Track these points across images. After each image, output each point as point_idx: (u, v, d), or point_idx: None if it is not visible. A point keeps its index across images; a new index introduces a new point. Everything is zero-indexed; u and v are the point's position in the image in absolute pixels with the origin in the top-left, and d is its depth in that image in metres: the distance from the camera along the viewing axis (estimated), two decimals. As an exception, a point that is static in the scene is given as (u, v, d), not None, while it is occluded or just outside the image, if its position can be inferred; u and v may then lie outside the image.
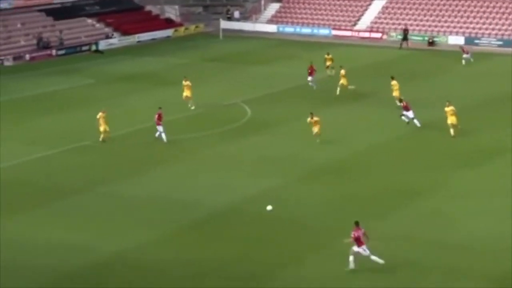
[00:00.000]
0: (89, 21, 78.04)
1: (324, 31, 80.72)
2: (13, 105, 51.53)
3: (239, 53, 70.71)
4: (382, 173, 38.22)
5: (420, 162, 39.62)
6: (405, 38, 73.60)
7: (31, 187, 36.42)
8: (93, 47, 72.38)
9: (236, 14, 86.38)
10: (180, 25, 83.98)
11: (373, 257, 28.04)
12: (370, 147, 42.16)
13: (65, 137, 43.88)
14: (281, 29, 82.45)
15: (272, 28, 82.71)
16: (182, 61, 67.42)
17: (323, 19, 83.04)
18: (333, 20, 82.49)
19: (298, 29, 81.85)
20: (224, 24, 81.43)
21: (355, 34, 79.09)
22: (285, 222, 32.63)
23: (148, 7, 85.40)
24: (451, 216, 32.83)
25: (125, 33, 77.70)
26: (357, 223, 28.33)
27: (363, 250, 27.99)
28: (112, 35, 76.84)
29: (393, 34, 76.15)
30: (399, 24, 78.18)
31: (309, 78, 55.19)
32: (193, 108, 49.09)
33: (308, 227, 32.24)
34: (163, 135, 42.79)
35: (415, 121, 44.81)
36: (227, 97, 53.62)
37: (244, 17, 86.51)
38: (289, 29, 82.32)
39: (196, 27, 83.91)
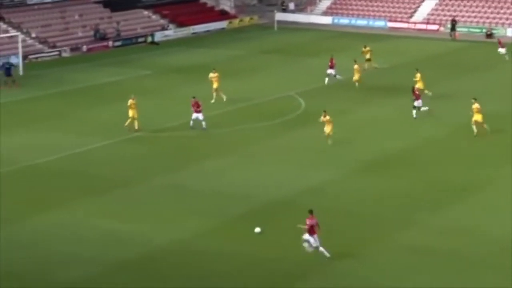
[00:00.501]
0: (145, 12, 78.84)
1: (379, 23, 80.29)
2: (70, 95, 52.38)
3: (294, 45, 70.76)
4: (434, 167, 38.08)
5: (471, 157, 39.36)
6: (453, 28, 73.01)
7: (86, 178, 37.04)
8: (149, 39, 73.13)
9: (291, 5, 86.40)
10: (235, 17, 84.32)
11: (321, 249, 28.26)
12: (422, 141, 41.98)
13: (120, 128, 44.48)
14: (336, 21, 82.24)
15: (327, 20, 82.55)
16: (236, 52, 67.73)
17: (378, 11, 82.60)
18: (389, 12, 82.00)
19: (353, 21, 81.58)
20: (279, 16, 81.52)
21: (411, 26, 78.55)
22: (337, 215, 32.71)
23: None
24: (504, 211, 32.56)
25: (181, 24, 78.32)
26: (311, 212, 28.71)
27: (314, 240, 28.28)
28: (168, 26, 77.52)
29: (449, 26, 75.46)
30: (456, 16, 77.38)
31: (330, 71, 54.43)
32: (224, 99, 49.11)
33: (361, 220, 32.28)
34: (203, 123, 43.33)
35: (423, 109, 45.43)
36: (281, 89, 53.77)
37: (299, 9, 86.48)
38: (344, 21, 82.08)
39: (251, 19, 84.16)
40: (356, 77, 52.95)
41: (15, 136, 43.46)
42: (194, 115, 43.67)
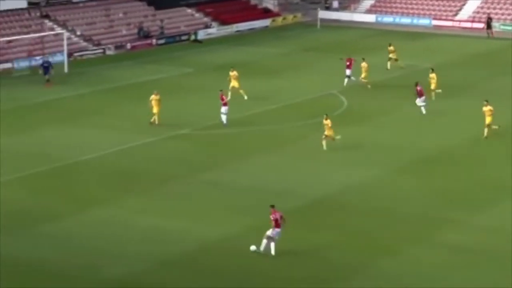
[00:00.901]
0: (189, 10, 79.38)
1: (424, 21, 79.94)
2: (114, 93, 53.04)
3: (337, 43, 70.79)
4: (476, 166, 38.04)
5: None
6: (489, 26, 72.49)
7: (130, 175, 37.56)
8: (192, 37, 73.62)
9: (335, 4, 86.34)
10: (278, 15, 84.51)
11: (273, 244, 28.72)
12: (464, 140, 41.87)
13: (164, 125, 44.98)
14: (379, 19, 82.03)
15: (370, 18, 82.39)
16: (279, 50, 67.96)
17: (423, 9, 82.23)
18: (434, 10, 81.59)
19: (397, 19, 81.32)
20: (322, 14, 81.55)
21: (456, 24, 78.08)
22: (380, 213, 32.84)
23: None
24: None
25: (224, 22, 78.73)
26: (272, 206, 29.24)
27: (276, 233, 28.81)
28: (211, 24, 77.97)
29: (496, 24, 74.83)
30: (503, 14, 76.71)
31: (348, 72, 53.52)
32: (246, 98, 49.42)
33: (404, 218, 32.36)
34: (224, 117, 44.23)
35: (422, 108, 45.78)
36: (324, 87, 53.90)
37: (343, 7, 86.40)
38: (387, 19, 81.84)
39: (294, 17, 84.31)
40: (364, 75, 52.21)
41: (61, 133, 44.18)
42: (223, 108, 44.35)
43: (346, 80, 53.91)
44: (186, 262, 28.76)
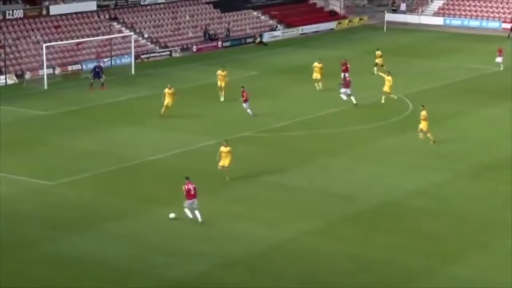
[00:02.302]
0: (255, 13, 79.79)
1: (493, 24, 78.97)
2: (180, 95, 53.57)
3: (403, 46, 70.37)
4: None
5: None
6: None
7: (196, 175, 37.84)
8: (258, 39, 73.97)
9: (402, 6, 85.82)
10: (344, 17, 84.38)
11: (197, 212, 31.25)
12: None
13: (227, 127, 45.36)
14: (447, 21, 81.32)
15: (438, 20, 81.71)
16: (344, 53, 67.74)
17: (492, 12, 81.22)
18: (504, 13, 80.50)
19: (465, 22, 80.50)
20: (389, 16, 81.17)
21: (526, 27, 76.93)
22: (445, 218, 32.63)
23: (313, 0, 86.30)
24: None
25: (289, 25, 78.93)
26: (187, 178, 31.74)
27: (190, 202, 31.28)
28: (277, 27, 78.24)
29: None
30: None
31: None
32: (222, 99, 50.81)
33: (470, 224, 32.10)
34: (249, 111, 45.96)
35: (352, 98, 48.41)
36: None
37: (410, 10, 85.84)
38: (456, 21, 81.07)
39: (360, 19, 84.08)
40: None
41: (128, 133, 44.88)
42: (244, 105, 46.15)
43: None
44: (249, 263, 28.95)
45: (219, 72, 51.64)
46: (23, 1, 65.87)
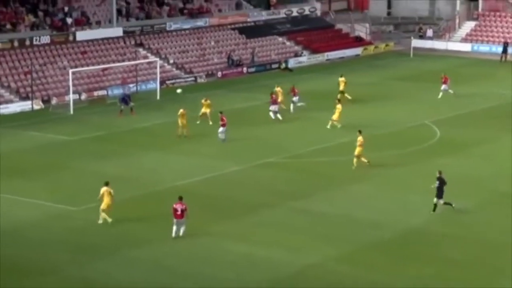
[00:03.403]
0: (280, 39, 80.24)
1: (521, 50, 78.77)
2: (205, 120, 53.87)
3: (430, 72, 70.39)
4: None
5: None
6: (504, 51, 72.06)
7: (221, 201, 38.15)
8: (283, 65, 74.33)
9: (429, 32, 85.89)
10: (370, 43, 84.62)
11: (182, 228, 32.76)
12: None
13: (252, 153, 45.62)
14: (475, 48, 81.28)
15: (466, 47, 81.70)
16: (370, 79, 68.02)
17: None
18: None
19: (493, 48, 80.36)
20: (416, 42, 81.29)
21: (555, 54, 76.72)
22: (471, 245, 32.58)
23: (339, 25, 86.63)
24: None
25: (315, 51, 79.26)
26: (180, 198, 33.11)
27: (177, 222, 32.79)
28: (302, 53, 78.62)
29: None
30: None
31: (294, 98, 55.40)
32: (210, 123, 51.71)
33: (496, 250, 31.99)
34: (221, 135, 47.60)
35: (278, 115, 51.64)
36: (416, 117, 53.71)
37: (437, 36, 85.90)
38: (484, 48, 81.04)
39: (386, 45, 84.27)
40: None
41: (153, 158, 45.21)
42: (221, 129, 47.65)
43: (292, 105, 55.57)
44: (274, 289, 29.04)
45: (203, 101, 53.20)
46: (50, 27, 66.76)
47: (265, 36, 79.16)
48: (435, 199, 36.15)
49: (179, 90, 32.37)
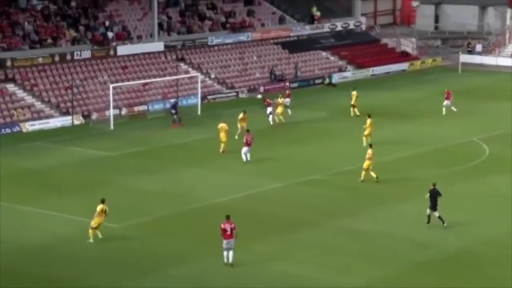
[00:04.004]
0: (323, 54, 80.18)
1: None
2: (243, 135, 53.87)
3: (479, 88, 69.83)
4: None
5: None
6: None
7: (262, 218, 38.09)
8: (326, 80, 74.18)
9: (478, 47, 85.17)
10: (417, 58, 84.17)
11: (231, 252, 31.75)
12: None
13: (295, 170, 45.52)
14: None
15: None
16: (416, 95, 67.63)
17: None
18: None
19: (545, 64, 79.48)
20: (464, 57, 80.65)
21: None
22: (522, 267, 32.11)
23: (385, 40, 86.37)
24: None
25: (359, 66, 79.06)
26: (227, 217, 32.14)
27: (227, 243, 31.85)
28: (346, 68, 78.46)
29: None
30: None
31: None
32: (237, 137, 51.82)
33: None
34: (245, 156, 47.08)
35: (270, 118, 53.77)
36: (464, 134, 53.22)
37: (487, 51, 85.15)
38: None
39: (433, 60, 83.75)
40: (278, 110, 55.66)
41: (194, 175, 45.32)
42: (245, 148, 47.19)
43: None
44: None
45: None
46: (91, 42, 67.48)
47: (309, 51, 79.16)
48: (428, 210, 36.57)
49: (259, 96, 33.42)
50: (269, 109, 56.93)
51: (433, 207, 36.49)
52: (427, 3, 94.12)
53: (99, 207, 35.15)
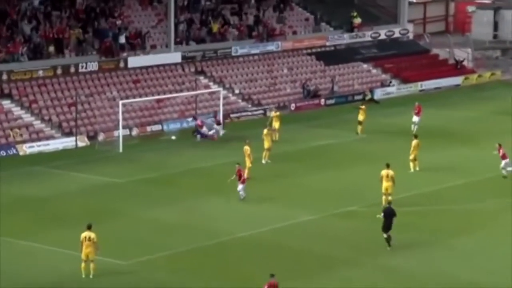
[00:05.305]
0: (365, 66, 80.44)
1: None
2: (275, 160, 54.14)
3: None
4: None
5: None
6: None
7: (293, 255, 38.21)
8: (368, 96, 74.25)
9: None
10: (472, 71, 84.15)
11: None
12: None
13: (330, 200, 45.68)
14: None
15: None
16: (472, 114, 67.59)
17: None
18: None
19: None
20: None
21: None
22: None
23: (435, 50, 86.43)
24: None
25: (406, 80, 79.17)
26: (272, 275, 31.25)
27: None
28: (391, 82, 78.61)
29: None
30: None
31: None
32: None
33: None
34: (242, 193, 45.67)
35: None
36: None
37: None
38: None
39: (492, 74, 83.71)
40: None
41: (215, 204, 45.54)
42: (240, 186, 45.99)
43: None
44: None
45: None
46: (98, 52, 67.84)
47: (347, 63, 79.45)
48: (384, 234, 38.17)
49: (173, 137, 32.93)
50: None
51: (385, 228, 38.27)
52: (484, 8, 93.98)
53: (82, 235, 35.27)
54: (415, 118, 61.05)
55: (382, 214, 38.61)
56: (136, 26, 71.86)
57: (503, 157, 49.53)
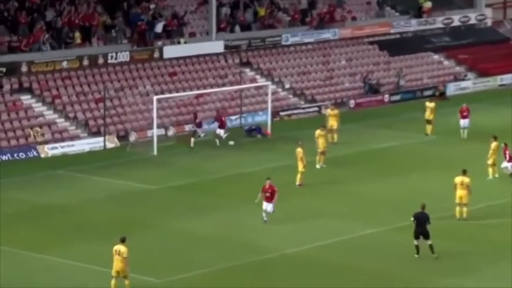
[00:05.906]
0: (435, 57, 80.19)
1: None
2: (329, 166, 54.18)
3: None
4: None
5: None
6: None
7: (350, 275, 38.28)
8: (439, 91, 73.93)
9: None
10: None
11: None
12: None
13: (392, 210, 45.65)
14: None
15: None
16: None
17: None
18: None
19: None
20: None
21: None
22: None
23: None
24: None
25: (483, 73, 78.82)
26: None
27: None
28: (465, 76, 78.28)
29: None
30: None
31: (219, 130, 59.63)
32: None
33: None
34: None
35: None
36: None
37: None
38: None
39: None
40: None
41: (261, 215, 45.81)
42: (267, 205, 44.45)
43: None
44: None
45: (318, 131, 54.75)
46: (129, 41, 68.19)
47: (415, 53, 79.34)
48: (415, 241, 39.22)
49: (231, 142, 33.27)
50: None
51: (416, 235, 39.11)
52: None
53: (114, 248, 35.62)
54: (463, 122, 60.47)
55: (413, 219, 39.20)
56: (173, 11, 72.09)
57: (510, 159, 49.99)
